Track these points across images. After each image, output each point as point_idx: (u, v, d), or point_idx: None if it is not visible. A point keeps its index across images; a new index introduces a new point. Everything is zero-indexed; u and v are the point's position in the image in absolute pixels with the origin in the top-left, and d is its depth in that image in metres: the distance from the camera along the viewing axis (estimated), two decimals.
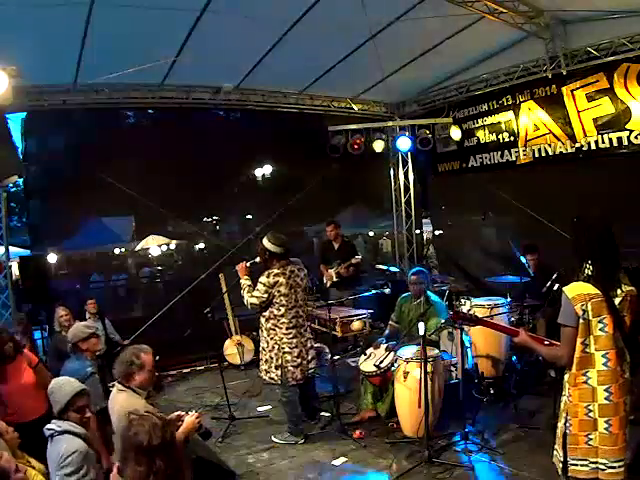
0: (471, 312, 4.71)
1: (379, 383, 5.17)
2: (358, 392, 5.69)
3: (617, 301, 2.62)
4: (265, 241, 4.90)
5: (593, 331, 2.59)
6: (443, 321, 5.02)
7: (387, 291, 5.90)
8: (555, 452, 2.81)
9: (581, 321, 2.58)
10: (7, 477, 2.32)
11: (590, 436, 2.60)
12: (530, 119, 7.09)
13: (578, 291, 2.62)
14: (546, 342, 2.90)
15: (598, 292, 2.59)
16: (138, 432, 1.88)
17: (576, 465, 2.64)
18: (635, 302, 2.69)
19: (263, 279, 4.81)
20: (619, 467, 2.57)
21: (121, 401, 3.17)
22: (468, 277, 8.43)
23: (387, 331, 5.68)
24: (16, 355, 4.00)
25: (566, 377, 2.72)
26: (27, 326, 5.93)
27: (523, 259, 6.17)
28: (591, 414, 2.60)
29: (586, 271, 2.66)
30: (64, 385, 2.95)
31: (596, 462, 2.58)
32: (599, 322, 2.58)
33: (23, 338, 5.59)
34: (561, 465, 2.72)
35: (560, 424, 2.75)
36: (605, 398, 2.57)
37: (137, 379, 3.24)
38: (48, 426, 2.82)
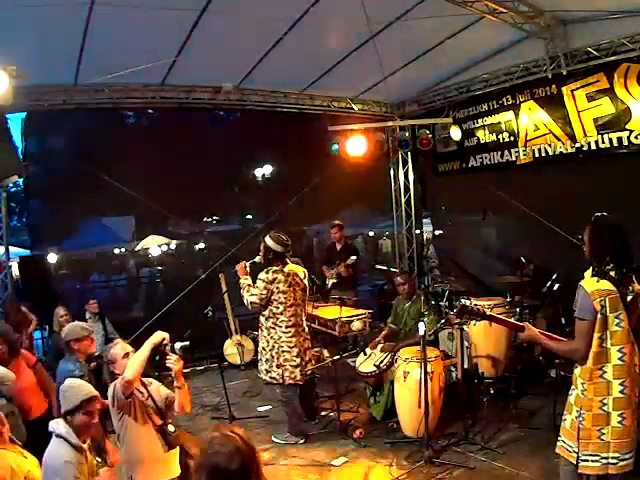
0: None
1: (374, 383, 5.17)
2: (359, 392, 5.70)
3: (629, 298, 2.72)
4: (268, 239, 4.90)
5: (610, 326, 2.66)
6: (441, 321, 5.01)
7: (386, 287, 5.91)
8: (561, 443, 2.84)
9: (599, 316, 2.65)
10: None
11: (603, 431, 2.64)
12: (530, 119, 7.08)
13: (596, 286, 2.69)
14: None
15: (614, 288, 2.68)
16: (217, 452, 1.74)
17: (587, 461, 2.67)
18: None
19: (262, 275, 4.83)
20: (630, 458, 2.64)
21: None
22: (468, 277, 8.43)
23: (384, 332, 5.66)
24: (13, 358, 4.00)
25: (577, 372, 2.77)
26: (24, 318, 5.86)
27: (523, 258, 6.17)
28: (605, 407, 2.65)
29: (604, 268, 2.73)
30: (79, 387, 2.92)
31: (607, 457, 2.63)
32: (615, 317, 2.66)
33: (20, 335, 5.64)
34: (574, 455, 2.73)
35: (570, 416, 2.77)
36: (620, 392, 2.64)
37: (118, 374, 3.24)
38: (52, 423, 2.82)
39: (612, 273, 2.72)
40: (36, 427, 3.82)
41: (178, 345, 3.25)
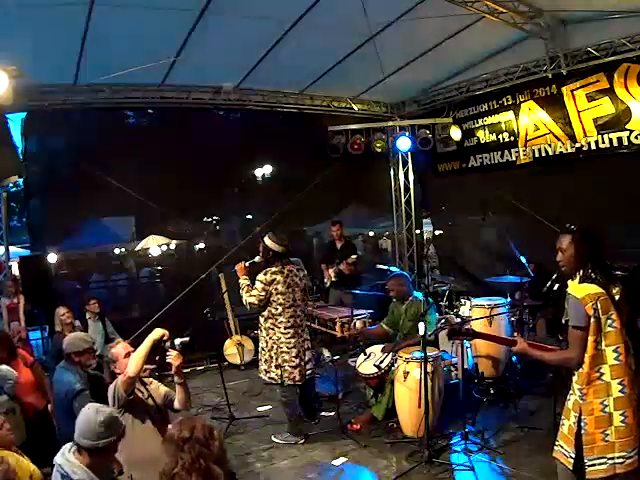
0: (467, 326, 4.69)
1: (376, 384, 5.16)
2: (359, 392, 5.69)
3: (617, 297, 2.74)
4: (267, 240, 4.90)
5: (603, 328, 2.67)
6: (442, 320, 5.02)
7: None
8: (558, 448, 2.83)
9: (592, 320, 2.65)
10: None
11: (606, 432, 2.64)
12: (530, 119, 7.09)
13: (586, 291, 2.69)
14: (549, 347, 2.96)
15: (602, 291, 2.69)
16: (172, 427, 2.09)
17: (594, 465, 2.66)
18: (624, 297, 2.82)
19: (261, 277, 4.82)
20: (634, 456, 2.64)
21: None
22: (468, 277, 8.43)
23: (375, 328, 5.65)
24: (11, 359, 4.00)
25: (574, 378, 2.76)
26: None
27: (523, 259, 6.16)
28: (607, 409, 2.65)
29: (589, 273, 2.74)
30: (118, 418, 2.68)
31: (613, 457, 2.63)
32: (608, 319, 2.67)
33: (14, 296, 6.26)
34: (571, 460, 2.73)
35: (568, 422, 2.77)
36: (619, 391, 2.65)
37: (119, 373, 3.25)
38: (60, 462, 2.49)
39: (597, 276, 2.73)
40: (34, 426, 3.83)
41: (178, 341, 3.27)
